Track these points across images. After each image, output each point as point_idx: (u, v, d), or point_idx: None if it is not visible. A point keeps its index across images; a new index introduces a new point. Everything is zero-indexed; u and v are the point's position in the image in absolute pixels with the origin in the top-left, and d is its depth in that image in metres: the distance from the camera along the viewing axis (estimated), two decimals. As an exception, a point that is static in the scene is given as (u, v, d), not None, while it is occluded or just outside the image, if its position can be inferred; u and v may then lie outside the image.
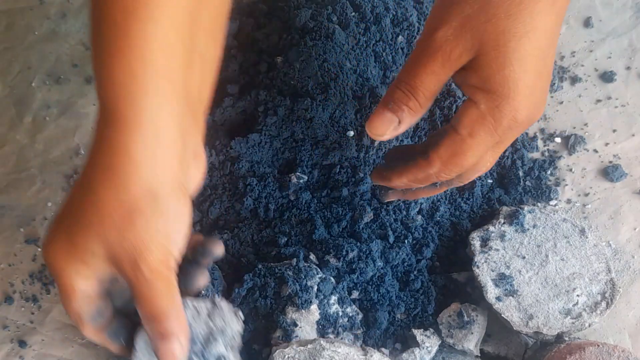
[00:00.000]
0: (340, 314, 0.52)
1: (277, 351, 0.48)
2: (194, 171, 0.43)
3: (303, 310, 0.51)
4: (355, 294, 0.54)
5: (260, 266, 0.53)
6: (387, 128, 0.45)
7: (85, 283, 0.40)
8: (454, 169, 0.45)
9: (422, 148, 0.46)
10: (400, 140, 0.57)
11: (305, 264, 0.53)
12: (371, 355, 0.48)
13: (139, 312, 0.41)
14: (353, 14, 0.59)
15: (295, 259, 0.53)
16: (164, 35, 0.37)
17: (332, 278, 0.53)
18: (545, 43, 0.41)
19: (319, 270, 0.53)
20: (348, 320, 0.52)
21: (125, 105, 0.37)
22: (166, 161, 0.39)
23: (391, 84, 0.45)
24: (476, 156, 0.44)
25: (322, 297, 0.52)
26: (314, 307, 0.51)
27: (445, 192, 0.58)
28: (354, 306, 0.53)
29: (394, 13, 0.60)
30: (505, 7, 0.40)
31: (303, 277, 0.52)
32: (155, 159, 0.38)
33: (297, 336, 0.51)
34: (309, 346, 0.48)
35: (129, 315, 0.44)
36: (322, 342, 0.48)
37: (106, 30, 0.37)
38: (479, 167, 0.46)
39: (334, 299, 0.52)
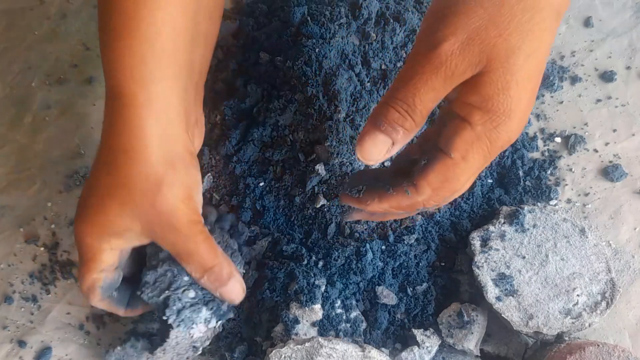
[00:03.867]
0: (344, 317, 0.52)
1: (274, 351, 0.48)
2: (197, 137, 0.50)
3: (306, 308, 0.51)
4: (355, 295, 0.54)
5: (271, 262, 0.54)
6: (381, 151, 0.41)
7: (110, 256, 0.45)
8: (445, 195, 0.42)
9: (398, 172, 0.43)
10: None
11: (317, 265, 0.53)
12: (369, 352, 0.48)
13: (190, 270, 0.46)
14: (352, 13, 0.59)
15: (306, 259, 0.53)
16: (172, 21, 0.41)
17: (339, 282, 0.53)
18: (543, 57, 0.40)
19: (327, 271, 0.53)
20: (351, 326, 0.52)
21: (136, 89, 0.41)
22: (177, 134, 0.44)
23: (383, 100, 0.41)
24: (468, 181, 0.41)
25: (327, 298, 0.52)
26: (317, 306, 0.52)
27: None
28: (358, 312, 0.53)
29: (394, 12, 0.60)
30: (516, 22, 0.37)
31: (312, 275, 0.52)
32: (168, 134, 0.43)
33: (296, 333, 0.51)
34: (307, 344, 0.48)
35: (128, 281, 0.50)
36: (319, 339, 0.49)
37: (116, 18, 0.41)
38: (461, 190, 0.43)
39: (339, 302, 0.52)
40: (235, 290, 0.47)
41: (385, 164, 0.54)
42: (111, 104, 0.42)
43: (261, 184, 0.56)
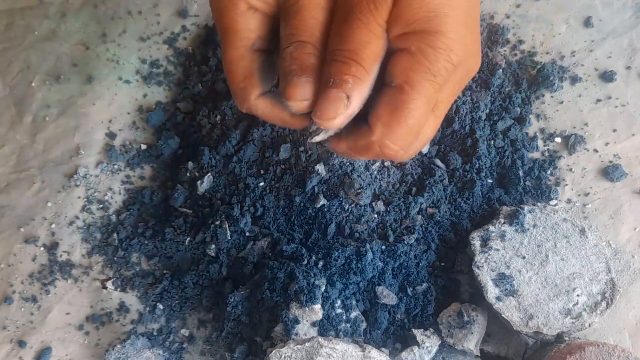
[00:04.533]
0: (344, 317, 0.52)
1: (274, 351, 0.48)
2: None
3: (306, 308, 0.51)
4: (355, 295, 0.54)
5: (271, 262, 0.54)
6: (338, 107, 0.37)
7: (255, 20, 0.39)
8: (399, 132, 0.38)
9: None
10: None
11: (317, 265, 0.53)
12: (369, 352, 0.48)
13: (289, 31, 0.38)
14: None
15: (306, 259, 0.53)
16: None
17: (339, 282, 0.53)
18: None
19: (326, 271, 0.53)
20: (351, 326, 0.52)
21: None
22: None
23: (325, 61, 0.38)
24: (420, 111, 0.38)
25: (327, 298, 0.52)
26: (317, 306, 0.52)
27: (445, 192, 0.58)
28: (358, 312, 0.53)
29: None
30: None
31: (312, 275, 0.52)
32: None
33: (296, 333, 0.51)
34: (307, 344, 0.48)
35: None
36: (319, 339, 0.48)
37: None
38: (423, 134, 0.40)
39: (339, 302, 0.52)
40: (302, 88, 0.39)
41: None
42: None
43: (261, 184, 0.56)
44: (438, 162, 0.58)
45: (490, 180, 0.59)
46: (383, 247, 0.55)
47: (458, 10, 0.37)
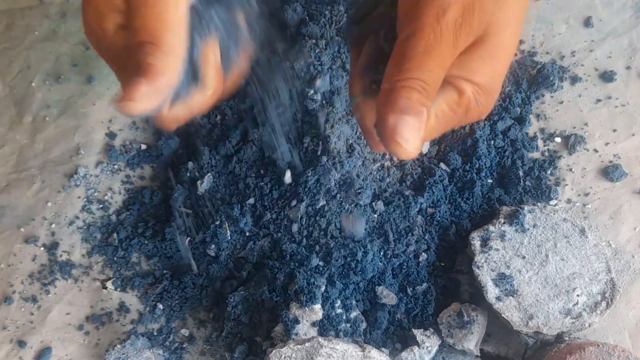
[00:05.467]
0: (344, 317, 0.52)
1: (274, 351, 0.48)
2: None
3: (306, 308, 0.51)
4: (355, 295, 0.54)
5: (271, 262, 0.54)
6: (419, 136, 0.36)
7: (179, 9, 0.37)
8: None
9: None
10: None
11: (317, 265, 0.53)
12: (369, 352, 0.48)
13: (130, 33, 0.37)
14: (348, 12, 0.59)
15: (307, 259, 0.53)
16: None
17: (338, 282, 0.53)
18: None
19: (327, 271, 0.53)
20: (351, 326, 0.52)
21: None
22: None
23: (393, 83, 0.37)
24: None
25: (327, 298, 0.52)
26: (317, 306, 0.52)
27: (445, 192, 0.58)
28: (358, 312, 0.53)
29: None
30: None
31: (312, 275, 0.52)
32: None
33: (296, 333, 0.51)
34: (307, 344, 0.48)
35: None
36: (319, 339, 0.49)
37: None
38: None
39: (339, 302, 0.52)
40: (140, 90, 0.37)
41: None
42: None
43: (261, 184, 0.56)
44: (443, 165, 0.58)
45: (490, 180, 0.59)
46: (383, 247, 0.55)
47: (506, 67, 0.38)
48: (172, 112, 0.40)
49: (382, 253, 0.55)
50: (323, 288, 0.52)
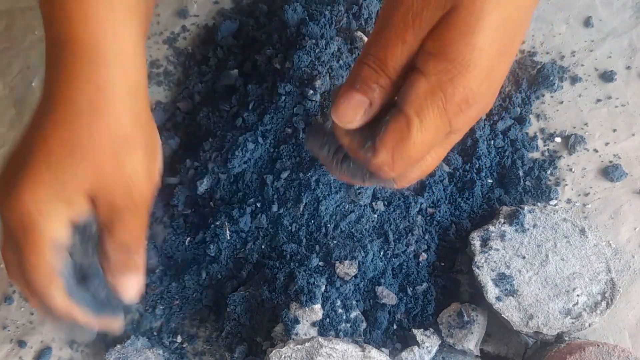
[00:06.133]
0: (344, 317, 0.52)
1: (274, 351, 0.48)
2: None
3: (306, 308, 0.51)
4: (355, 295, 0.54)
5: (272, 262, 0.54)
6: (358, 112, 0.37)
7: (63, 229, 0.38)
8: (402, 163, 0.37)
9: (364, 133, 0.38)
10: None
11: (318, 265, 0.53)
12: (369, 352, 0.48)
13: (112, 243, 0.39)
14: (348, 12, 0.59)
15: (307, 259, 0.53)
16: None
17: (338, 281, 0.53)
18: (518, 17, 0.36)
19: (327, 271, 0.53)
20: (351, 326, 0.52)
21: (97, 34, 0.37)
22: (143, 89, 0.40)
23: (358, 59, 0.37)
24: (425, 144, 0.37)
25: (327, 298, 0.52)
26: (317, 306, 0.52)
27: (445, 192, 0.58)
28: (358, 312, 0.53)
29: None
30: None
31: (312, 275, 0.52)
32: (137, 87, 0.39)
33: (296, 333, 0.51)
34: (307, 344, 0.48)
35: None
36: (319, 339, 0.49)
37: None
38: (425, 164, 0.40)
39: (339, 302, 0.52)
40: (133, 285, 0.41)
41: None
42: (63, 53, 0.37)
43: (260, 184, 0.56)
44: (445, 167, 0.58)
45: (490, 180, 0.59)
46: (383, 247, 0.55)
47: (496, 46, 0.35)
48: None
49: (382, 253, 0.55)
50: (323, 288, 0.52)
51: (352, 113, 0.37)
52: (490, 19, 0.34)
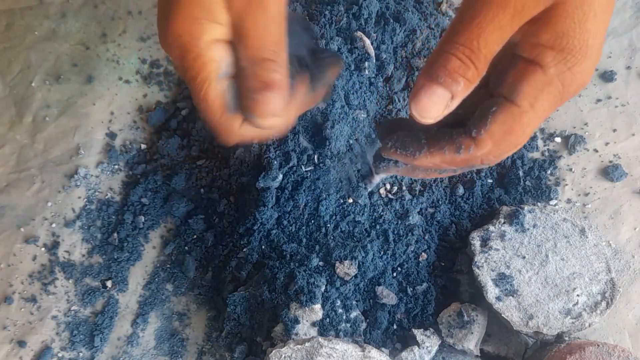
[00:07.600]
0: (344, 317, 0.52)
1: (274, 351, 0.48)
2: None
3: (306, 308, 0.51)
4: (355, 295, 0.54)
5: (272, 262, 0.54)
6: (441, 107, 0.35)
7: (221, 50, 0.37)
8: (507, 149, 0.36)
9: (443, 123, 0.37)
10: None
11: (318, 265, 0.53)
12: (369, 352, 0.48)
13: (241, 54, 0.37)
14: (348, 12, 0.59)
15: (307, 259, 0.53)
16: None
17: (338, 281, 0.53)
18: None
19: (327, 271, 0.53)
20: (351, 326, 0.52)
21: None
22: None
23: (439, 48, 0.35)
24: (533, 131, 0.36)
25: (327, 298, 0.52)
26: (317, 306, 0.52)
27: (445, 192, 0.58)
28: (358, 312, 0.53)
29: (394, 12, 0.60)
30: None
31: (312, 275, 0.52)
32: None
33: (296, 333, 0.51)
34: (307, 344, 0.48)
35: None
36: (319, 339, 0.48)
37: None
38: (523, 143, 0.38)
39: (339, 302, 0.52)
40: (272, 104, 0.37)
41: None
42: None
43: (261, 185, 0.56)
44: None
45: (490, 180, 0.59)
46: (383, 247, 0.55)
47: (604, 28, 0.35)
48: (242, 130, 0.39)
49: (382, 253, 0.55)
50: (323, 288, 0.52)
51: (434, 108, 0.35)
52: (598, 4, 0.33)
